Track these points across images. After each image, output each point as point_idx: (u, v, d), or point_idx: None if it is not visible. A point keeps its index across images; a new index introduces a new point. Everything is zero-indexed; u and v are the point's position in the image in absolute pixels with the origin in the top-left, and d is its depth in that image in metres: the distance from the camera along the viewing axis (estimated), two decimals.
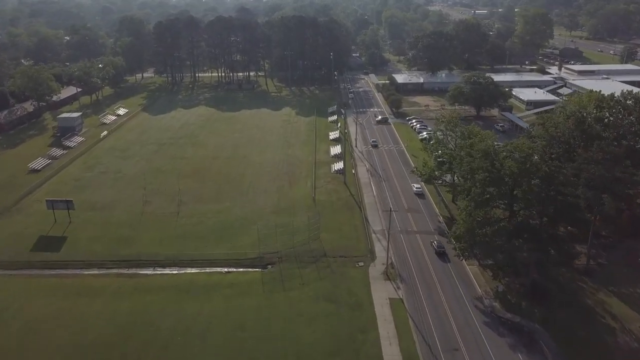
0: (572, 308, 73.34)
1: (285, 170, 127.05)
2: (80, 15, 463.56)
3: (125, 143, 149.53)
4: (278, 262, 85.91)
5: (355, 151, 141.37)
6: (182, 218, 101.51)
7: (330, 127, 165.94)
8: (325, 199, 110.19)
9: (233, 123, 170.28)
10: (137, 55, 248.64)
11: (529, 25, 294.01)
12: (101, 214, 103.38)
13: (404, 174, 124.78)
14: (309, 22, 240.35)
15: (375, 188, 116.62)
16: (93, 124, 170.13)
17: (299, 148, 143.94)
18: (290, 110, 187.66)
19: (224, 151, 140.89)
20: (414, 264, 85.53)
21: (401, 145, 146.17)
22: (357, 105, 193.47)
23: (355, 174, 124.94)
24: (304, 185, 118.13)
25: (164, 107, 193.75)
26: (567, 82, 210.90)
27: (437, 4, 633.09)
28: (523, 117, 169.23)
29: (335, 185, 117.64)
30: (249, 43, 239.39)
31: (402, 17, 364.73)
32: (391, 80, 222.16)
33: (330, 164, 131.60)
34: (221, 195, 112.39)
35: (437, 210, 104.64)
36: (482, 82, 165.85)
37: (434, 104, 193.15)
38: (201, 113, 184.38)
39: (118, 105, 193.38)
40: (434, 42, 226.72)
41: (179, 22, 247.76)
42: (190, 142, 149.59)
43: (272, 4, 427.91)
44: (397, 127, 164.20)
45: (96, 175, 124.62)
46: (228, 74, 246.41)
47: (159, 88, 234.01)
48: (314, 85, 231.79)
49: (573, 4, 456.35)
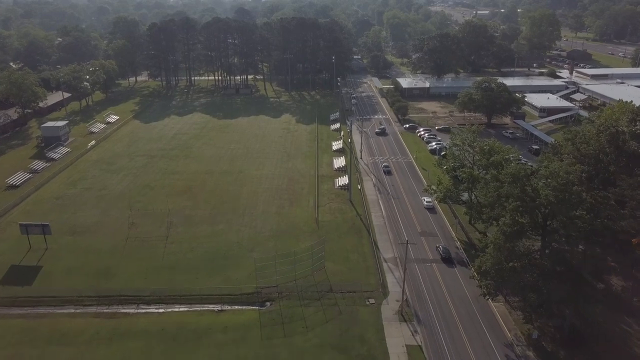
0: (617, 357, 63.51)
1: (285, 186, 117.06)
2: (75, 15, 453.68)
3: (114, 155, 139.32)
4: (278, 299, 75.93)
5: (360, 163, 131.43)
6: (171, 244, 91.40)
7: (332, 136, 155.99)
8: (330, 219, 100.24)
9: (229, 132, 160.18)
10: (130, 58, 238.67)
11: (535, 27, 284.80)
12: (81, 239, 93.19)
13: (414, 190, 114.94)
14: (309, 24, 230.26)
15: (383, 206, 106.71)
16: (80, 132, 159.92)
17: (300, 160, 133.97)
18: (290, 118, 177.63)
19: (219, 165, 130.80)
20: (431, 299, 75.62)
21: (409, 157, 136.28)
22: (361, 112, 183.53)
23: (361, 189, 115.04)
24: (305, 203, 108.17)
25: (156, 114, 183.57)
26: (580, 86, 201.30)
27: (438, 4, 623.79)
28: (537, 125, 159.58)
29: (340, 204, 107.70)
30: (246, 45, 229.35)
31: (404, 18, 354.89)
32: (395, 85, 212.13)
33: (334, 178, 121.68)
34: (215, 216, 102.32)
35: (453, 234, 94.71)
36: (494, 88, 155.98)
37: (441, 110, 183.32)
38: (196, 121, 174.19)
39: (108, 112, 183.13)
40: (440, 44, 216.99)
41: (173, 24, 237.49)
42: (182, 154, 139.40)
43: (271, 5, 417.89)
44: (404, 136, 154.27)
45: (79, 193, 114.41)
46: (225, 78, 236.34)
47: (153, 93, 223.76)
48: (315, 90, 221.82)
49: (577, 5, 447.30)
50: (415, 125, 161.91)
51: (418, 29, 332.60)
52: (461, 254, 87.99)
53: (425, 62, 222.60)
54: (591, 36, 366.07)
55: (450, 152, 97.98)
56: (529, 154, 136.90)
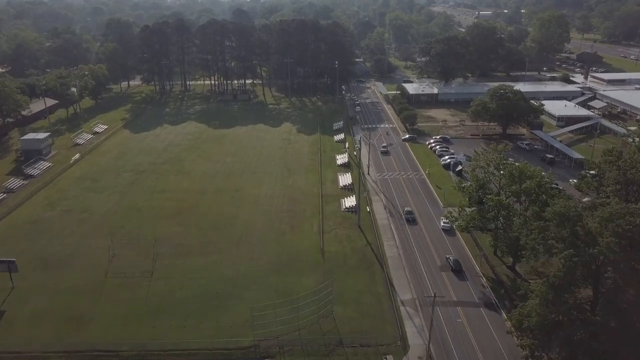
0: None
1: (286, 207, 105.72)
2: (69, 16, 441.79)
3: (99, 170, 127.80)
4: (278, 354, 64.59)
5: (368, 180, 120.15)
6: (156, 280, 79.99)
7: (336, 148, 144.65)
8: (337, 250, 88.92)
9: (225, 143, 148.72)
10: (122, 62, 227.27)
11: (544, 29, 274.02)
12: (54, 275, 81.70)
13: (429, 211, 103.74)
14: (310, 26, 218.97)
15: (397, 233, 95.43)
16: (65, 144, 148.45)
17: (302, 177, 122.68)
18: (291, 127, 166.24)
19: (214, 181, 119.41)
20: (459, 355, 64.34)
21: (421, 172, 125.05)
22: (366, 120, 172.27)
23: (370, 212, 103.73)
24: (309, 228, 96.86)
25: (148, 123, 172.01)
26: (597, 92, 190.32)
27: (439, 4, 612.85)
28: (556, 135, 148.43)
29: (348, 230, 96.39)
30: (244, 49, 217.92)
31: (407, 19, 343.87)
32: (401, 91, 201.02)
33: (340, 198, 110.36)
34: (208, 244, 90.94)
35: (478, 269, 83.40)
36: (511, 96, 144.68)
37: (451, 118, 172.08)
38: (190, 130, 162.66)
39: (96, 120, 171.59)
40: (448, 48, 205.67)
41: (167, 26, 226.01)
42: (174, 169, 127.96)
43: (270, 6, 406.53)
44: (413, 148, 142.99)
45: (58, 216, 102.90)
46: (222, 83, 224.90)
47: (146, 99, 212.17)
48: (316, 96, 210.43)
49: (583, 5, 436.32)
50: (414, 136, 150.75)
51: (421, 30, 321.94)
52: (489, 295, 76.69)
53: (432, 67, 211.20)
54: (599, 38, 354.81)
55: (473, 174, 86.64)
56: (542, 163, 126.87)
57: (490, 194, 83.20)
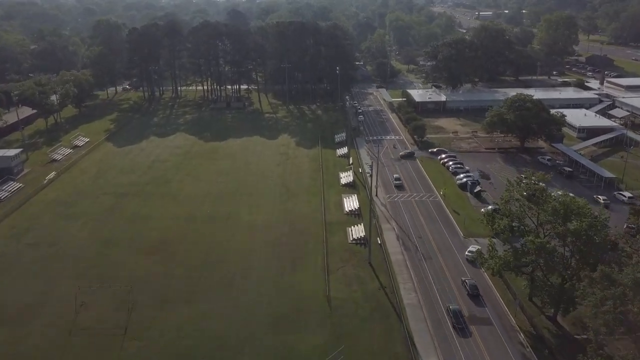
0: None
1: (285, 239, 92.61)
2: (59, 17, 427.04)
3: (75, 192, 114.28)
4: None
5: (377, 203, 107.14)
6: (130, 341, 66.68)
7: (339, 163, 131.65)
8: (345, 296, 75.91)
9: (217, 159, 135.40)
10: (110, 66, 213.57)
11: (552, 30, 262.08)
12: (6, 334, 68.28)
13: (449, 244, 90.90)
14: (309, 29, 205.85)
15: (414, 272, 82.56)
16: (40, 160, 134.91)
17: (303, 199, 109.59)
18: (289, 139, 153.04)
19: (204, 206, 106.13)
20: None
21: (435, 194, 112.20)
22: (370, 131, 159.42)
23: (381, 245, 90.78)
24: (312, 265, 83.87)
25: (134, 135, 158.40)
26: (616, 100, 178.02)
27: (438, 5, 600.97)
28: (579, 149, 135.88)
29: (357, 268, 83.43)
30: (239, 53, 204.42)
31: (408, 20, 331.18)
32: (407, 98, 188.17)
33: (346, 226, 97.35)
34: (195, 289, 77.79)
35: (512, 321, 70.52)
36: (530, 106, 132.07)
37: (462, 129, 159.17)
38: (179, 144, 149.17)
39: (77, 133, 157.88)
40: (456, 52, 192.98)
41: (157, 29, 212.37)
42: (159, 191, 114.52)
43: (266, 6, 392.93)
44: (424, 163, 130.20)
45: (22, 251, 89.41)
46: (215, 89, 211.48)
47: (133, 107, 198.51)
48: (316, 103, 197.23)
49: (587, 5, 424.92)
50: (411, 152, 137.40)
51: (423, 32, 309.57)
52: (530, 356, 63.81)
53: (439, 72, 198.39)
54: (605, 39, 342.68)
55: (506, 208, 73.68)
56: (559, 176, 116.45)
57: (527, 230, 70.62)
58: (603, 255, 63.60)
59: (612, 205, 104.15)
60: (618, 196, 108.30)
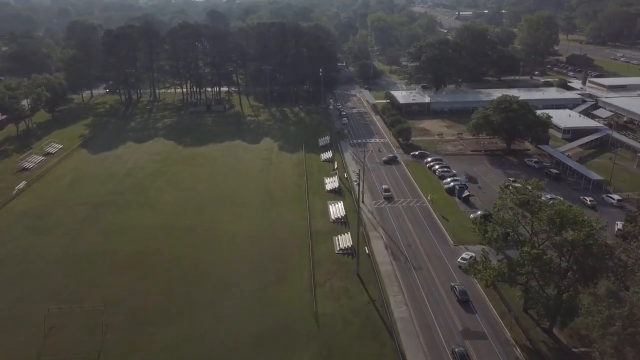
0: None
1: (269, 250, 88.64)
2: (33, 19, 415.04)
3: (46, 203, 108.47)
4: None
5: (363, 210, 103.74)
6: None
7: (323, 168, 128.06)
8: (333, 311, 72.29)
9: (197, 165, 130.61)
10: (84, 69, 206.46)
11: (532, 30, 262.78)
12: None
13: (439, 252, 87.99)
14: (290, 30, 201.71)
15: (404, 284, 79.37)
16: (10, 168, 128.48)
17: (287, 207, 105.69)
18: (272, 143, 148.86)
19: (183, 216, 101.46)
20: None
21: (422, 199, 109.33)
22: (354, 134, 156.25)
23: (370, 254, 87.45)
24: (298, 279, 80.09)
25: (110, 141, 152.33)
26: (599, 100, 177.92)
27: (418, 4, 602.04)
28: (566, 151, 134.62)
29: (345, 280, 79.91)
30: (218, 55, 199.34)
31: (389, 20, 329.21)
32: (391, 100, 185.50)
33: (332, 235, 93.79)
34: (173, 307, 73.31)
35: (507, 334, 67.73)
36: (516, 108, 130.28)
37: (447, 131, 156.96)
38: (157, 149, 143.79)
39: (50, 139, 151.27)
40: (440, 52, 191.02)
41: (133, 30, 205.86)
42: (136, 200, 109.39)
43: (246, 7, 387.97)
44: (410, 167, 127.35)
45: None
46: (195, 91, 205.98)
47: (110, 111, 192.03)
48: (298, 106, 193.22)
49: (564, 5, 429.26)
50: (395, 156, 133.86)
51: (405, 32, 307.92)
52: None
53: (423, 72, 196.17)
54: (584, 39, 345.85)
55: (498, 216, 70.88)
56: (546, 179, 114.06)
57: (521, 240, 67.99)
58: (601, 265, 61.38)
59: (601, 208, 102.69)
60: (607, 199, 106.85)
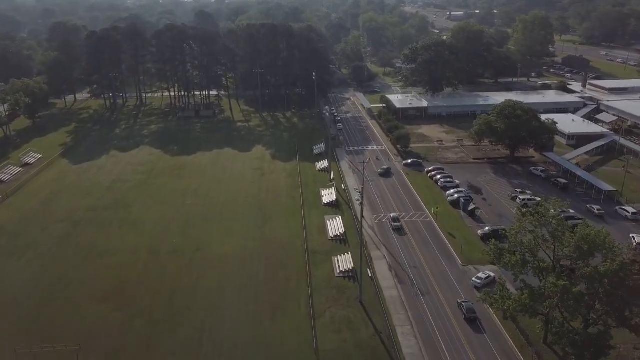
0: None
1: (262, 275, 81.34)
2: (16, 20, 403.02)
3: (22, 220, 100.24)
4: None
5: (364, 226, 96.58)
6: None
7: (319, 179, 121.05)
8: (335, 346, 65.25)
9: (185, 177, 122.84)
10: (67, 73, 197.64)
11: (527, 31, 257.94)
12: None
13: (447, 274, 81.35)
14: (282, 31, 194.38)
15: (411, 312, 72.55)
16: None
17: (281, 223, 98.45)
18: (264, 151, 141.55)
19: (169, 235, 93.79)
20: None
21: (426, 212, 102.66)
22: (350, 141, 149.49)
23: (373, 277, 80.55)
24: (295, 309, 72.91)
25: (93, 150, 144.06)
26: (601, 103, 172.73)
27: (409, 4, 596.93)
28: (572, 158, 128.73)
29: (347, 308, 72.89)
30: (207, 57, 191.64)
31: (381, 21, 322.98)
32: (387, 104, 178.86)
33: (332, 255, 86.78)
34: (156, 346, 65.76)
35: None
36: (521, 114, 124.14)
37: (447, 137, 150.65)
38: (142, 159, 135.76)
39: (29, 148, 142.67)
40: (436, 55, 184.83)
41: (118, 32, 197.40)
42: (119, 216, 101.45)
43: (235, 7, 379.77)
44: (411, 177, 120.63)
45: None
46: (183, 95, 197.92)
47: (93, 117, 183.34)
48: (291, 110, 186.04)
49: (556, 5, 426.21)
50: (388, 168, 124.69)
51: (397, 33, 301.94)
52: None
53: (419, 76, 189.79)
54: (577, 39, 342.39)
55: (516, 239, 64.14)
56: (554, 189, 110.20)
57: (543, 267, 61.43)
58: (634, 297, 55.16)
59: (614, 221, 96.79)
60: (620, 212, 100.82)
